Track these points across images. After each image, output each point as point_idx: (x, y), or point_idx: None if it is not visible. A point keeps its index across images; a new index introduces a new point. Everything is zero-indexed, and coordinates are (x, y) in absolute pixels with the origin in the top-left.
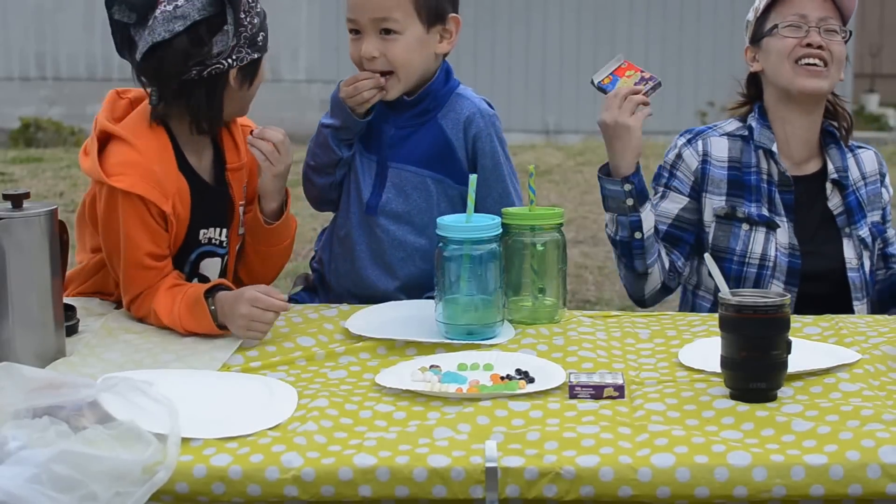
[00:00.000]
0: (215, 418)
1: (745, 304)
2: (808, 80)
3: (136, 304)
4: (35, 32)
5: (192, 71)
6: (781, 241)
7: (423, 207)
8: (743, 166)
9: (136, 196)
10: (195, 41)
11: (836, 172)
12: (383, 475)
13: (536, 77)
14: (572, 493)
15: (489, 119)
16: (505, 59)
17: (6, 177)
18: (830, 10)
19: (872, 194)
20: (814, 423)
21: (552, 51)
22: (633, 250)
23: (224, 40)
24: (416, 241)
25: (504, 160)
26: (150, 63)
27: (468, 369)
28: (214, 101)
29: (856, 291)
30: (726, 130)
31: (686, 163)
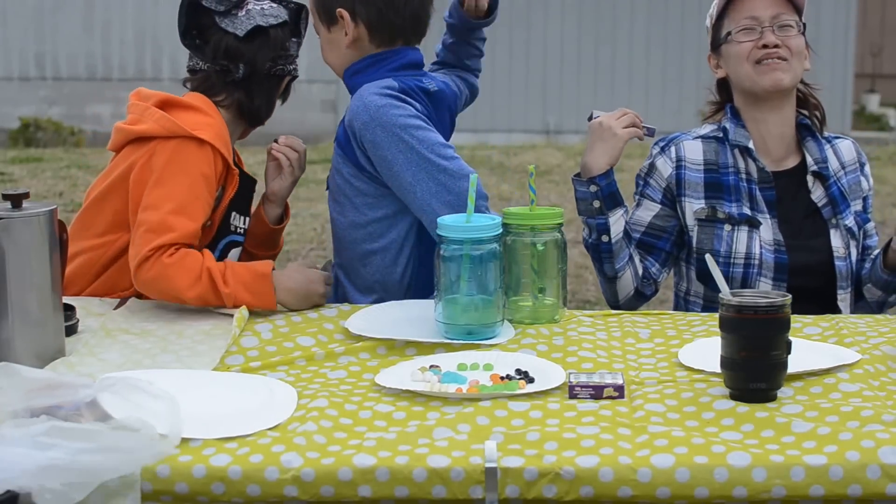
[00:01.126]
0: (215, 418)
1: (746, 304)
2: (769, 75)
3: (150, 260)
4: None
5: (268, 64)
6: (765, 237)
7: (340, 184)
8: (720, 167)
9: (211, 148)
10: (284, 37)
11: (815, 164)
12: (383, 475)
13: (537, 77)
14: (572, 494)
15: (372, 112)
16: (505, 59)
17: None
18: (782, 6)
19: (853, 183)
20: (814, 424)
21: (553, 51)
22: (602, 253)
23: (295, 47)
24: (337, 217)
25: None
26: (247, 44)
27: (468, 369)
28: (272, 99)
29: (841, 280)
30: (700, 133)
31: (659, 171)
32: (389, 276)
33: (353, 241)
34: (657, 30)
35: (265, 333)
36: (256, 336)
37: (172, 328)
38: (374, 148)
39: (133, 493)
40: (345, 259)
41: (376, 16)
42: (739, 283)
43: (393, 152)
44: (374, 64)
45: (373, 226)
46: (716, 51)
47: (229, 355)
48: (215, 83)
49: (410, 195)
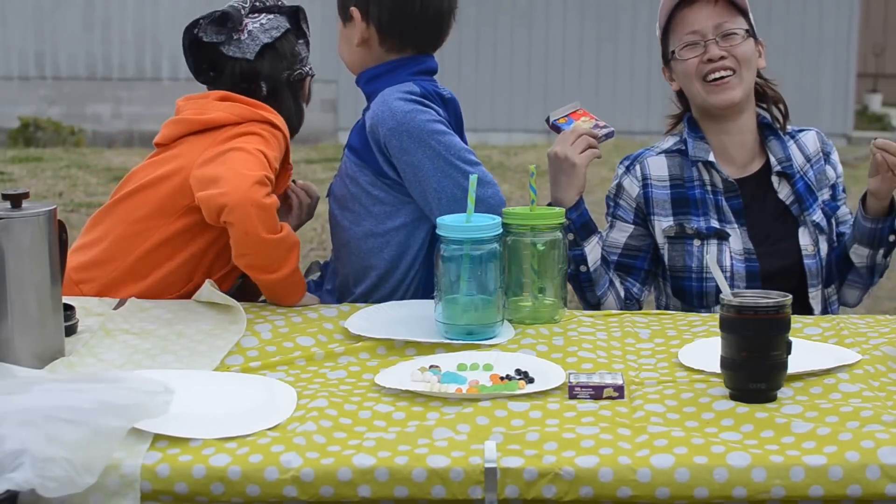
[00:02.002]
0: (214, 418)
1: (746, 304)
2: (719, 95)
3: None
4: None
5: (285, 73)
6: (735, 248)
7: (355, 193)
8: (685, 181)
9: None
10: (290, 44)
11: (778, 164)
12: (382, 475)
13: (538, 76)
14: (571, 494)
15: (399, 118)
16: (507, 58)
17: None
18: (723, 14)
19: (818, 174)
20: (813, 424)
21: (554, 50)
22: (582, 283)
23: (304, 48)
24: (350, 227)
25: (431, 151)
26: (260, 63)
27: (468, 369)
28: (299, 102)
29: (811, 278)
30: (663, 148)
31: (627, 191)
32: (401, 283)
33: (367, 250)
34: None
35: (265, 333)
36: (256, 336)
37: (172, 328)
38: (402, 154)
39: (133, 492)
40: (353, 268)
41: (388, 20)
42: (714, 298)
43: (420, 158)
44: (391, 70)
45: (391, 234)
46: (667, 65)
47: (229, 355)
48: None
49: (435, 201)
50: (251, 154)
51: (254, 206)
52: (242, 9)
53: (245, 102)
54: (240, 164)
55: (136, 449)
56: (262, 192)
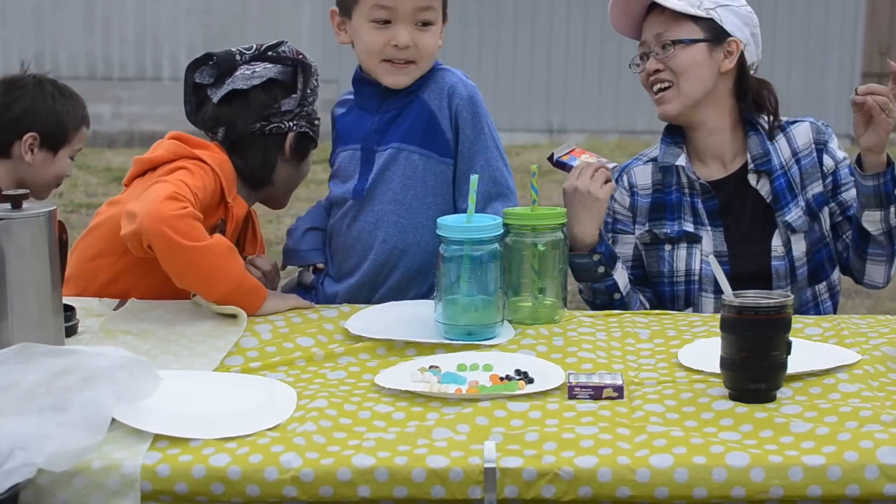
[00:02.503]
0: (215, 418)
1: (747, 305)
2: (660, 108)
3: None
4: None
5: (258, 124)
6: (706, 250)
7: (409, 184)
8: (665, 187)
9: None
10: (268, 96)
11: (753, 162)
12: (382, 476)
13: (541, 76)
14: (570, 494)
15: (471, 89)
16: (509, 57)
17: None
18: (666, 22)
19: (808, 167)
20: (812, 424)
21: (557, 50)
22: (615, 310)
23: (291, 102)
24: (395, 218)
25: (488, 130)
26: (225, 108)
27: (467, 370)
28: (269, 158)
29: (778, 280)
30: (651, 156)
31: (619, 202)
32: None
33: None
34: None
35: (265, 334)
36: (256, 336)
37: (172, 329)
38: (469, 124)
39: (133, 492)
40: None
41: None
42: (683, 301)
43: (485, 132)
44: None
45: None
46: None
47: (229, 356)
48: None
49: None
50: (167, 182)
51: (164, 221)
52: (240, 55)
53: (186, 141)
54: (152, 192)
55: (137, 449)
56: (171, 205)
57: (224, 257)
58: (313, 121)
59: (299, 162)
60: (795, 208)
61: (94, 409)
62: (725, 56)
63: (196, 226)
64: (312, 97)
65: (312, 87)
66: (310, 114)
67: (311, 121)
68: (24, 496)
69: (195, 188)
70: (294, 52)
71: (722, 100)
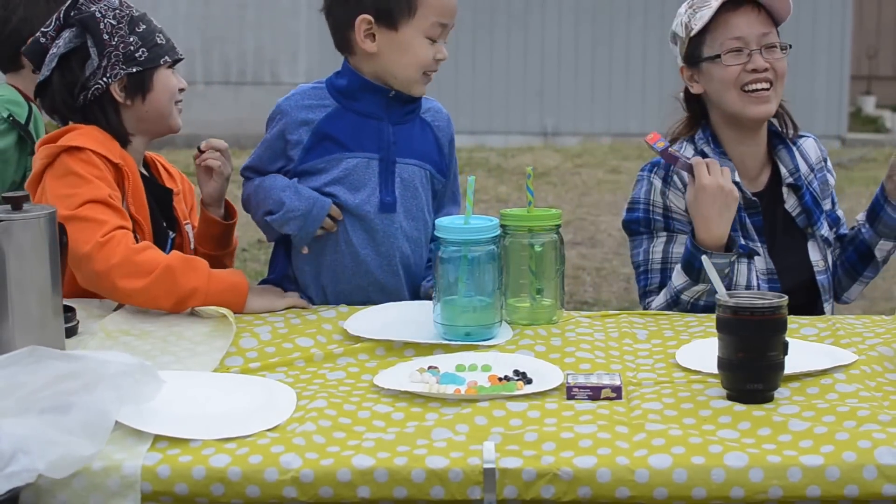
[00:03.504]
0: (214, 419)
1: (743, 305)
2: (757, 107)
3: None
4: None
5: (80, 98)
6: (760, 267)
7: (423, 200)
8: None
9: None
10: (67, 72)
11: (790, 176)
12: (381, 476)
13: (534, 79)
14: (570, 495)
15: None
16: (503, 61)
17: None
18: (767, 23)
19: (822, 182)
20: (810, 424)
21: (550, 53)
22: None
23: (92, 65)
24: (412, 232)
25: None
26: (47, 99)
27: (466, 370)
28: (111, 116)
29: (824, 294)
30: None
31: (674, 202)
32: None
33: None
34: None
35: (264, 335)
36: (255, 337)
37: (172, 330)
38: (452, 154)
39: (133, 493)
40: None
41: None
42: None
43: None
44: None
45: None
46: (694, 66)
47: (229, 356)
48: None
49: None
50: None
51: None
52: (44, 36)
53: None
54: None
55: (137, 450)
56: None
57: (182, 273)
58: (133, 56)
59: (143, 97)
60: (825, 222)
61: (96, 415)
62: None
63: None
64: (115, 38)
65: (108, 31)
66: (122, 54)
67: (128, 58)
68: (25, 496)
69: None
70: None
71: None
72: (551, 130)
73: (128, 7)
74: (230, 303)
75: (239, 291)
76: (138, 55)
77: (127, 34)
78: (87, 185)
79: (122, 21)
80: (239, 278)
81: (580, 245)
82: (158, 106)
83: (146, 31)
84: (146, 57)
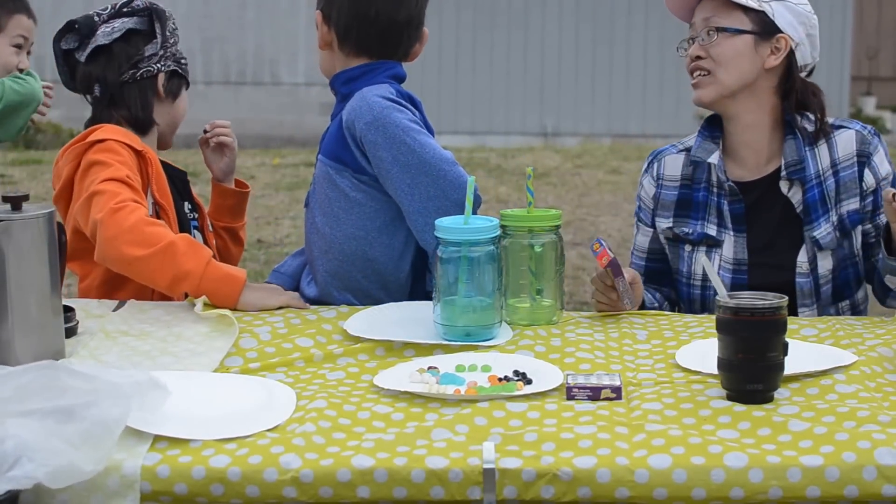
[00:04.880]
0: (214, 419)
1: (742, 306)
2: (694, 93)
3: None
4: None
5: (128, 73)
6: (727, 256)
7: (334, 197)
8: (693, 182)
9: (113, 142)
10: (131, 46)
11: (786, 169)
12: (381, 476)
13: (535, 80)
14: (569, 495)
15: (379, 110)
16: (503, 61)
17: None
18: (715, 7)
19: (847, 180)
20: (810, 425)
21: (550, 54)
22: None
23: (154, 47)
24: (330, 232)
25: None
26: (94, 66)
27: (466, 370)
28: (146, 101)
29: (803, 298)
30: (686, 145)
31: (646, 190)
32: (393, 281)
33: (351, 252)
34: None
35: (264, 335)
36: (255, 338)
37: (171, 330)
38: (375, 148)
39: (133, 493)
40: (341, 272)
41: (345, 25)
42: (699, 305)
43: (394, 154)
44: (369, 72)
45: (373, 235)
46: None
47: (228, 357)
48: (95, 110)
49: (407, 198)
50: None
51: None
52: (98, 16)
53: (74, 143)
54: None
55: (136, 450)
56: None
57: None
58: (179, 60)
59: (173, 100)
60: (825, 224)
61: (101, 431)
62: (772, 52)
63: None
64: (173, 39)
65: (171, 29)
66: (174, 54)
67: (177, 60)
68: (24, 496)
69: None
70: (146, 2)
71: (763, 96)
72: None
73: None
74: (224, 293)
75: (234, 283)
76: (182, 60)
77: (178, 42)
78: (107, 167)
79: (176, 30)
80: (237, 272)
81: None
82: (179, 114)
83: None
84: (185, 66)
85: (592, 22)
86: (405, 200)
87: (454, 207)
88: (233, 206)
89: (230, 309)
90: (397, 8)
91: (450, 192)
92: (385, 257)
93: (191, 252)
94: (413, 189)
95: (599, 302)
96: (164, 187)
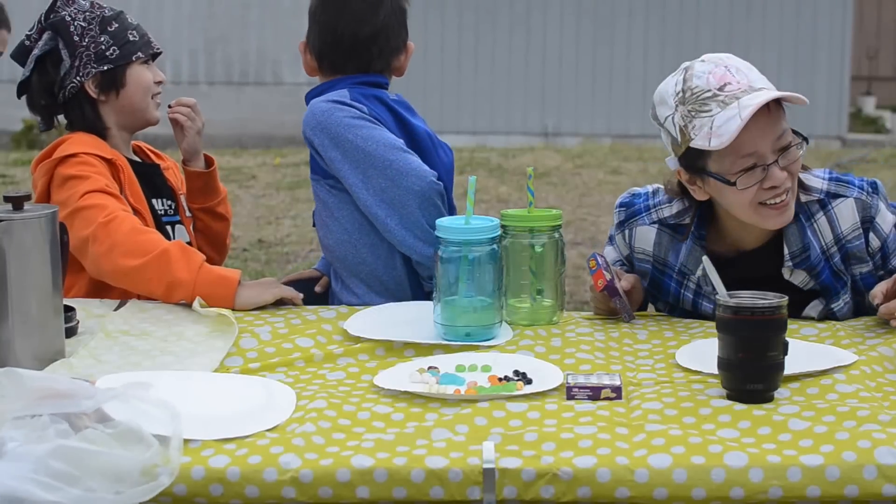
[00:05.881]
0: (213, 419)
1: (743, 305)
2: (776, 219)
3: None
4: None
5: (59, 96)
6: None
7: (319, 208)
8: (666, 268)
9: (83, 154)
10: (43, 73)
11: (792, 259)
12: (381, 476)
13: (536, 80)
14: (569, 495)
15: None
16: (505, 62)
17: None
18: (778, 118)
19: (855, 251)
20: (810, 424)
21: (552, 54)
22: None
23: (65, 66)
24: (325, 241)
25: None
26: (27, 99)
27: (466, 371)
28: (88, 112)
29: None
30: (659, 217)
31: (619, 246)
32: (390, 280)
33: (344, 257)
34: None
35: (264, 335)
36: (255, 338)
37: (172, 330)
38: (325, 150)
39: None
40: (344, 277)
41: (318, 49)
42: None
43: (342, 152)
44: (333, 85)
45: (356, 237)
46: (697, 174)
47: (229, 356)
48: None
49: (363, 194)
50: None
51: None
52: (29, 39)
53: (42, 157)
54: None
55: None
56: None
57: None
58: (105, 56)
59: (118, 90)
60: (844, 294)
61: None
62: None
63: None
64: (86, 39)
65: (79, 32)
66: (92, 55)
67: (98, 58)
68: None
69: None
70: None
71: None
72: (552, 131)
73: (99, 8)
74: (219, 295)
75: (228, 284)
76: (109, 53)
77: (98, 34)
78: (84, 181)
79: (92, 22)
80: (230, 273)
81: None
82: (133, 100)
83: (118, 30)
84: (117, 55)
85: (593, 22)
86: (361, 196)
87: (408, 196)
88: (201, 186)
89: (229, 309)
90: (360, 25)
91: (399, 180)
92: (374, 257)
93: (184, 259)
94: (367, 183)
95: (598, 308)
96: (137, 193)
